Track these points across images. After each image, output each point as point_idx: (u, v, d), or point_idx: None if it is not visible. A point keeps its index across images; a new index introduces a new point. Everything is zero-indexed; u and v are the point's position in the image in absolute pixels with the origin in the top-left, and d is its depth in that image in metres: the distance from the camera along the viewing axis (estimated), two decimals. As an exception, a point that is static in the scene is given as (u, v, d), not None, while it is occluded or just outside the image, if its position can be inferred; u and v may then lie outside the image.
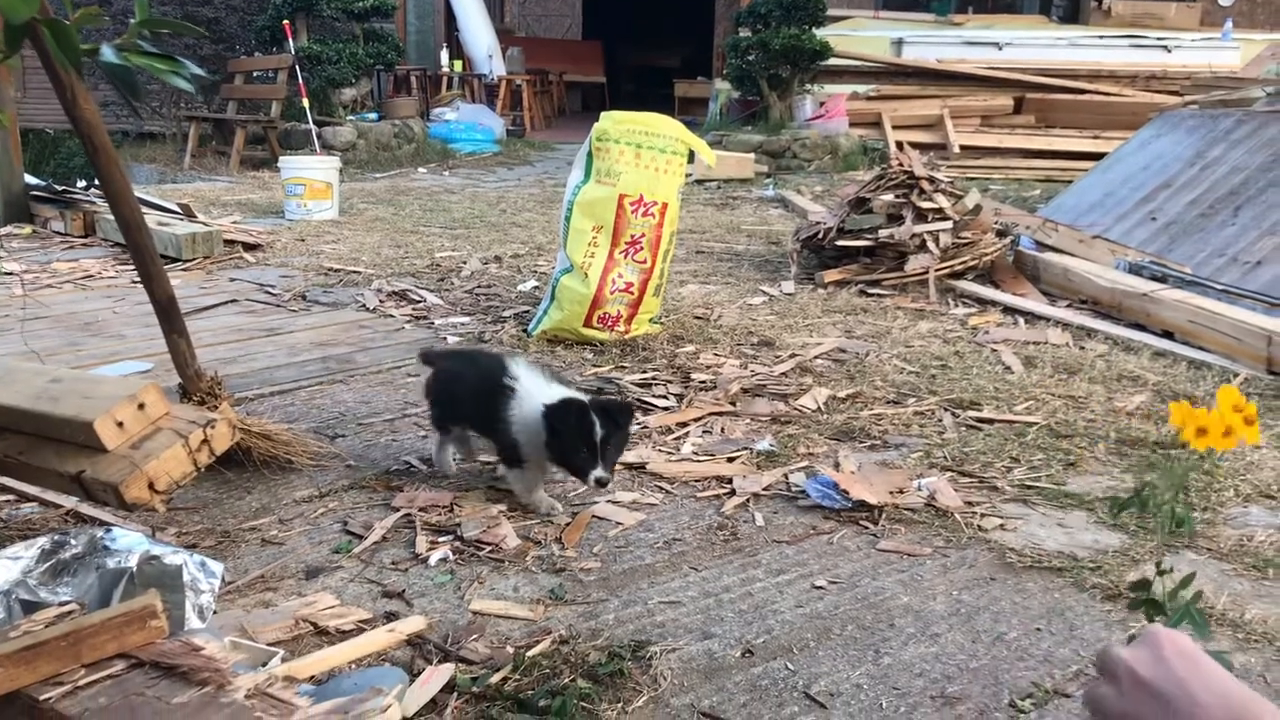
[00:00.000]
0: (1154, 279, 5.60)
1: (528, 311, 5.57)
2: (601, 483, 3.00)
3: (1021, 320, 5.51)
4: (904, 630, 2.56)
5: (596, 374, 4.57)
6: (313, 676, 2.28)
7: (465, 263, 6.82)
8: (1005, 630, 2.56)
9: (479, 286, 6.22)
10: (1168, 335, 5.12)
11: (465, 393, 3.32)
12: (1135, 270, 5.78)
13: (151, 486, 2.16)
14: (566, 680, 2.27)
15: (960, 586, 2.79)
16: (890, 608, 2.68)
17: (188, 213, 7.84)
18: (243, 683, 1.48)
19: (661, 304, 5.32)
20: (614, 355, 4.85)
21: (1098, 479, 3.49)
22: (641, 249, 4.99)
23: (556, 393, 3.12)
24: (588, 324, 5.02)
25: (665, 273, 5.18)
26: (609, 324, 5.03)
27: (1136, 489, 1.21)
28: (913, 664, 2.42)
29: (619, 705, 2.21)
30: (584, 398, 3.10)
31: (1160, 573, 1.20)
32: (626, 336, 5.05)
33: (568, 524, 3.12)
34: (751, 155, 12.76)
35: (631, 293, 5.00)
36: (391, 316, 5.62)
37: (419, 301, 5.89)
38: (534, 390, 3.14)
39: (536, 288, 6.13)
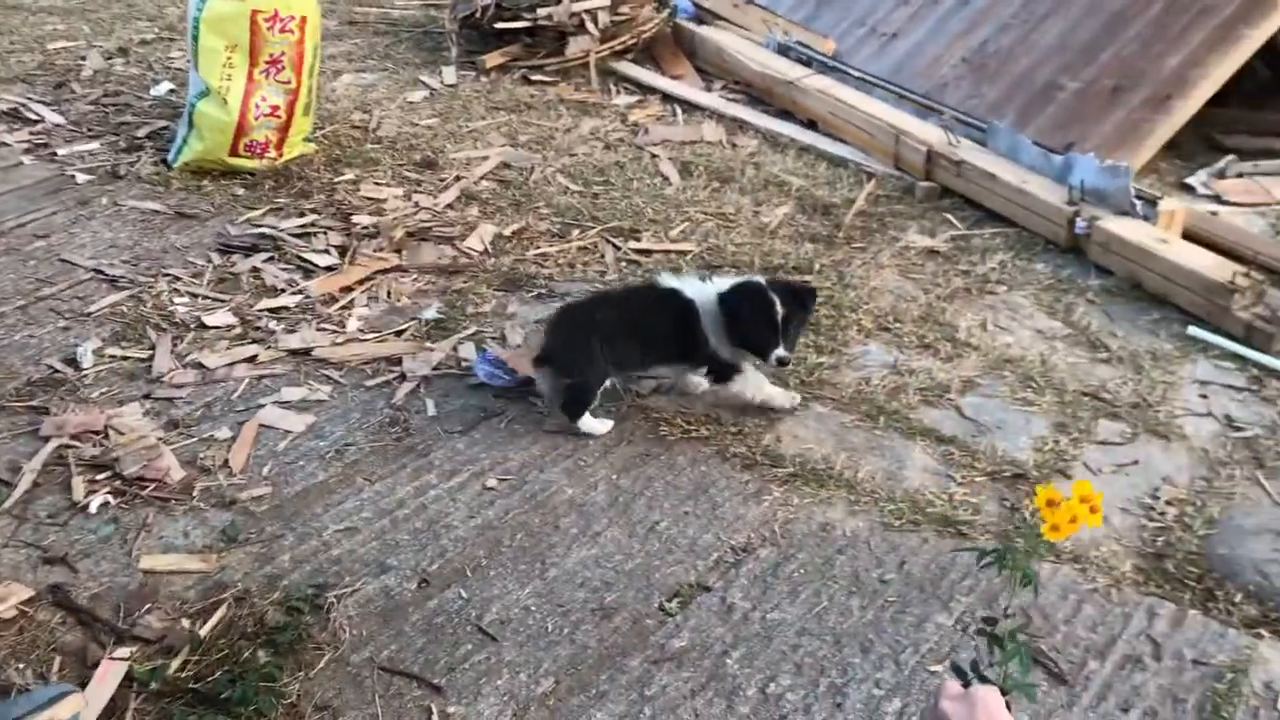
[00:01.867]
0: (800, 62, 5.81)
1: (166, 128, 5.10)
2: (783, 362, 3.05)
3: (680, 111, 5.61)
4: (568, 532, 2.78)
5: (251, 220, 4.32)
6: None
7: (85, 58, 6.03)
8: (658, 519, 2.83)
9: (105, 95, 5.56)
10: (812, 125, 5.40)
11: (641, 337, 3.13)
12: (784, 50, 5.95)
13: None
14: (246, 655, 2.34)
15: (619, 469, 3.02)
16: (556, 505, 2.88)
17: None
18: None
19: (313, 120, 5.01)
20: (268, 190, 4.58)
21: (743, 318, 3.77)
22: (284, 68, 4.61)
23: (726, 284, 3.11)
24: (234, 153, 4.67)
25: (313, 89, 4.85)
26: (258, 151, 4.70)
27: (1001, 549, 1.65)
28: (576, 573, 2.65)
29: (301, 674, 2.32)
30: (761, 279, 3.12)
31: (1007, 616, 1.67)
32: (279, 163, 4.76)
33: (233, 439, 3.08)
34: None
35: (279, 116, 4.67)
36: (6, 145, 4.97)
37: (37, 121, 5.22)
38: (708, 293, 3.10)
39: (173, 92, 5.57)
